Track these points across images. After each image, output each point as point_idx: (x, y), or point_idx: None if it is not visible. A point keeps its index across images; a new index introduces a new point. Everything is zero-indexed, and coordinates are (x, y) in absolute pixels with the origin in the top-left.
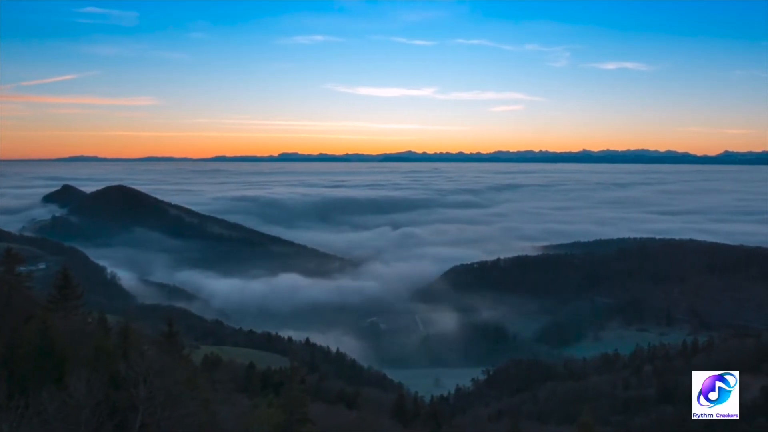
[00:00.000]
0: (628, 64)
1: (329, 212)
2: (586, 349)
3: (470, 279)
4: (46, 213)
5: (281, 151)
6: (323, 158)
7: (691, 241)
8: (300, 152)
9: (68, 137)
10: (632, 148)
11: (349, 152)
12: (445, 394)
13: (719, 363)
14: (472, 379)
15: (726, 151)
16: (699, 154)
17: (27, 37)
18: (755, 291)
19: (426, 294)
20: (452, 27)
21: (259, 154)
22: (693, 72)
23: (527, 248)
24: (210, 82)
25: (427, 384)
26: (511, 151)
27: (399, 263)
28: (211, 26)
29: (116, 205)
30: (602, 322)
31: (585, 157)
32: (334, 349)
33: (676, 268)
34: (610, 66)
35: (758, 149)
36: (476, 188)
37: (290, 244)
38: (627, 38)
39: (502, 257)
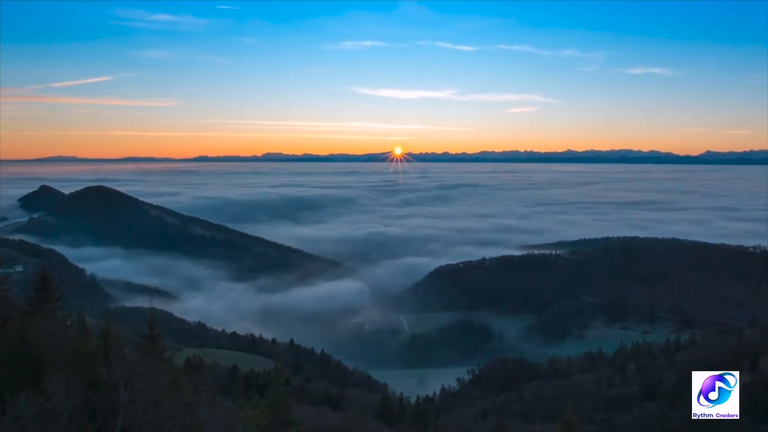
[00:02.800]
0: (655, 69)
1: (291, 211)
2: (570, 347)
3: (455, 279)
4: (23, 214)
5: (265, 152)
6: (307, 158)
7: (674, 240)
8: (284, 152)
9: (52, 137)
10: (616, 148)
11: (334, 152)
12: (431, 394)
13: (702, 361)
14: (458, 379)
15: (708, 151)
16: (682, 154)
17: (81, 39)
18: (736, 289)
19: (411, 294)
20: (498, 33)
21: (242, 154)
22: (685, 74)
23: (512, 247)
24: (232, 85)
25: (413, 384)
26: (496, 151)
27: (386, 263)
28: (265, 29)
29: (95, 206)
30: (586, 320)
31: (570, 157)
32: (318, 350)
33: (659, 267)
34: (637, 71)
35: (739, 149)
36: (444, 187)
37: (274, 245)
38: (643, 42)
39: (487, 257)
